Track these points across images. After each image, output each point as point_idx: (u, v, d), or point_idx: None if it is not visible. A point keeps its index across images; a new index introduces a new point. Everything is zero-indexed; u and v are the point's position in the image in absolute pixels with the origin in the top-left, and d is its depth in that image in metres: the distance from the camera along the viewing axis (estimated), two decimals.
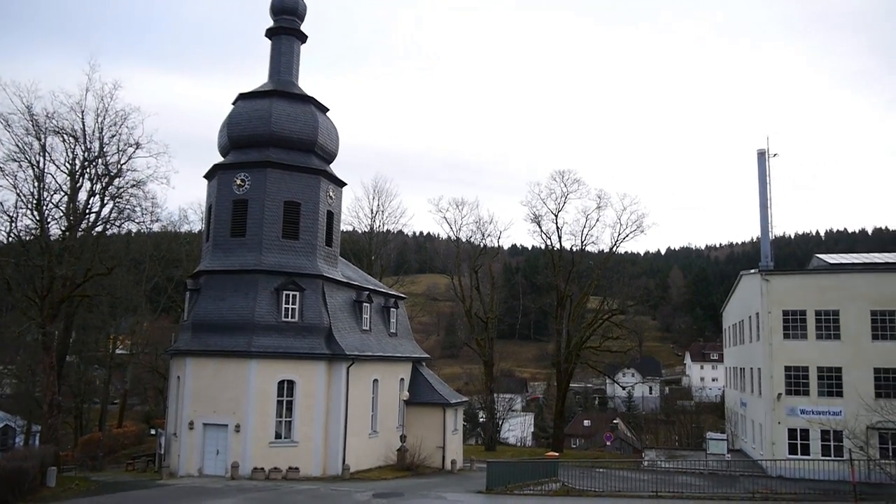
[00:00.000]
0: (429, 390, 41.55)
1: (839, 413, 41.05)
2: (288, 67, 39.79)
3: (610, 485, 31.62)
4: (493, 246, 66.39)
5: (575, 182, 60.66)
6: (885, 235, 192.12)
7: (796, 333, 44.96)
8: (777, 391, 44.44)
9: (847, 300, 44.33)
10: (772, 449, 43.57)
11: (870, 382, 42.12)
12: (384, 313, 42.16)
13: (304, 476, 32.54)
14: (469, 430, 78.12)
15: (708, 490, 31.98)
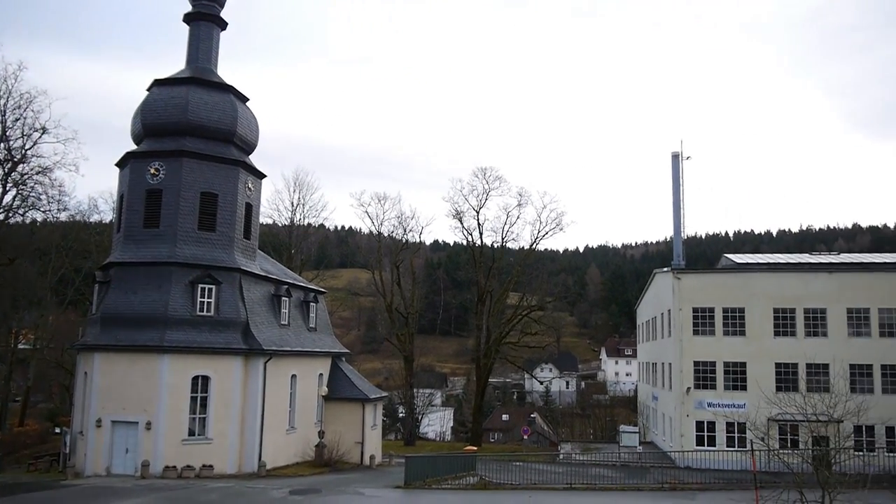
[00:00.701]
0: (348, 385, 41.25)
1: (743, 406, 42.93)
2: (206, 54, 38.66)
3: (526, 478, 32.16)
4: (414, 241, 66.52)
5: (497, 179, 61.44)
6: (788, 237, 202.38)
7: (705, 330, 46.75)
8: (686, 385, 46.11)
9: (752, 298, 46.40)
10: (681, 441, 45.21)
11: (771, 376, 44.25)
12: (303, 308, 41.59)
13: (219, 474, 31.79)
14: (389, 426, 77.99)
15: (620, 481, 32.94)
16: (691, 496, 26.80)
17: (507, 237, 61.82)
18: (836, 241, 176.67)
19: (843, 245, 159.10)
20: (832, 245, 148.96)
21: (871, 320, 45.77)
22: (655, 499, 26.63)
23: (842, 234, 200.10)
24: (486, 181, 60.86)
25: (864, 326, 45.82)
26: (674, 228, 58.53)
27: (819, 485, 14.59)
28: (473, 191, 61.42)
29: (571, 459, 43.86)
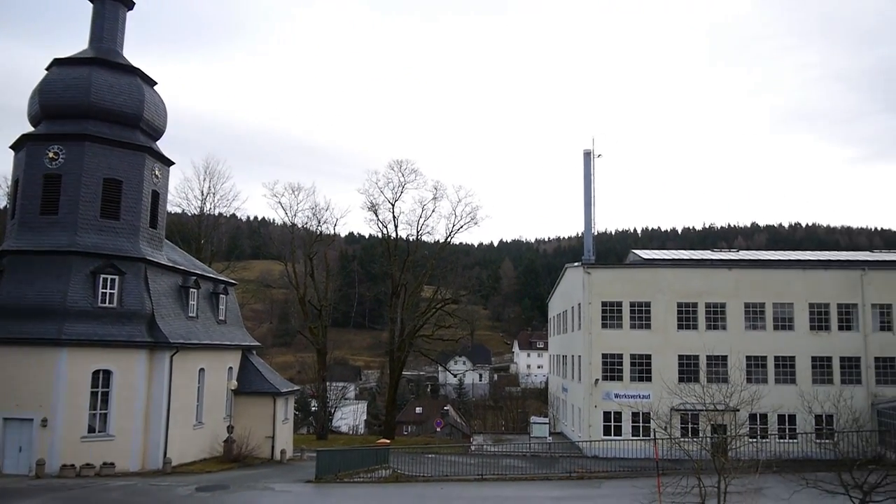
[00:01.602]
0: (259, 379, 40.44)
1: (648, 396, 44.48)
2: (112, 35, 36.97)
3: (439, 469, 32.36)
4: (329, 233, 65.73)
5: (413, 172, 61.33)
6: (692, 234, 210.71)
7: (613, 323, 48.13)
8: (595, 377, 47.38)
9: (657, 293, 48.07)
10: (589, 431, 46.44)
11: (674, 368, 46.00)
12: (213, 300, 40.47)
13: (121, 472, 30.60)
14: (301, 420, 77.03)
15: (530, 471, 33.56)
16: (597, 484, 27.57)
17: (422, 230, 61.92)
18: (736, 238, 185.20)
19: (742, 243, 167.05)
20: (732, 242, 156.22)
21: (766, 314, 48.17)
22: (563, 487, 27.25)
23: (741, 232, 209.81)
24: (402, 174, 60.77)
25: (760, 320, 48.19)
26: (585, 224, 59.99)
27: (716, 471, 15.25)
28: (389, 183, 61.21)
29: (483, 451, 44.40)
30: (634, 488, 18.66)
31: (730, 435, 19.44)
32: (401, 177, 60.65)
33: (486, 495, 25.73)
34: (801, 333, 47.99)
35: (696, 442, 17.08)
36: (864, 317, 48.25)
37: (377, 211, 61.24)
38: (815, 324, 48.27)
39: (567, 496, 24.61)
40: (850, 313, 48.57)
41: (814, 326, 48.21)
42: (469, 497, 25.43)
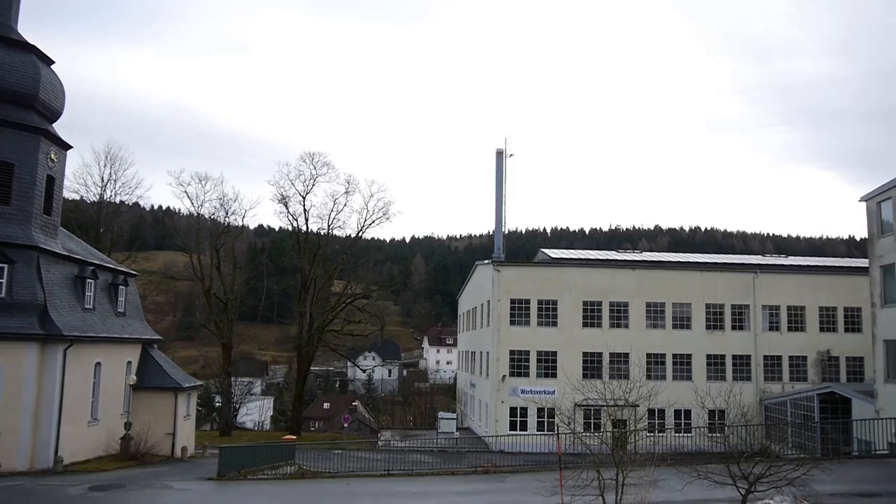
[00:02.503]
0: (159, 374, 39.04)
1: (553, 392, 45.58)
2: (5, 9, 34.82)
3: (346, 465, 32.12)
4: (237, 225, 64.20)
5: (325, 165, 60.52)
6: (599, 235, 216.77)
7: (521, 320, 49.06)
8: (502, 373, 48.17)
9: (564, 291, 49.30)
10: (495, 426, 47.18)
11: (578, 365, 47.31)
12: (111, 291, 38.79)
13: (8, 471, 28.90)
14: (204, 416, 74.96)
15: (436, 466, 33.77)
16: (502, 479, 27.99)
17: (333, 224, 61.25)
18: (640, 240, 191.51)
19: (645, 245, 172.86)
20: (637, 244, 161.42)
21: (666, 314, 50.18)
22: (469, 482, 27.54)
23: (645, 234, 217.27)
24: (314, 167, 59.91)
25: (660, 319, 50.15)
26: (496, 222, 60.86)
27: (614, 464, 15.76)
28: (300, 175, 60.20)
29: (391, 446, 44.40)
30: (537, 482, 19.06)
31: (629, 430, 20.14)
32: (312, 169, 59.82)
33: (393, 490, 25.73)
34: (697, 332, 50.22)
35: (596, 436, 17.62)
36: (755, 317, 50.89)
37: (287, 203, 60.21)
38: (710, 323, 50.60)
39: (472, 490, 24.89)
40: (743, 314, 51.14)
41: (709, 326, 50.53)
42: (375, 492, 25.37)
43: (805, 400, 43.95)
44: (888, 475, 21.91)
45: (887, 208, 34.71)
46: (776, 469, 14.83)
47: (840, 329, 51.55)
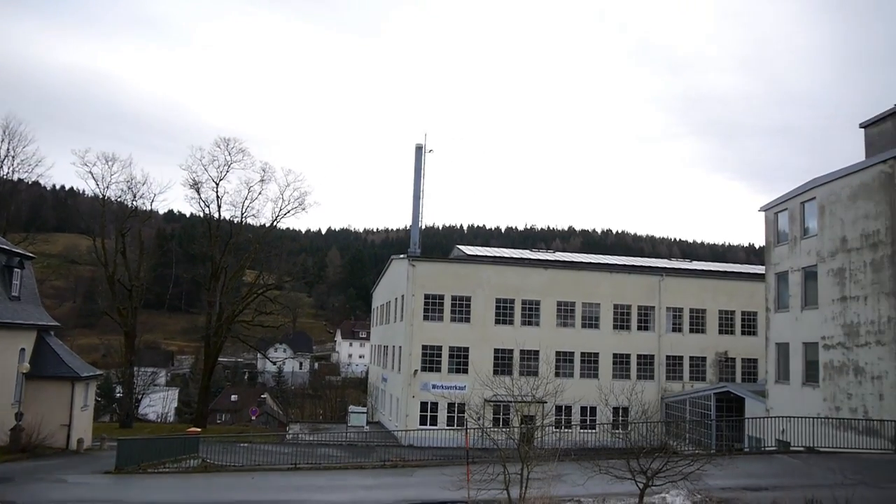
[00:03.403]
0: (55, 362, 37.24)
1: (464, 388, 45.97)
2: None
3: (251, 459, 31.53)
4: (145, 209, 61.90)
5: (240, 152, 59.12)
6: (515, 234, 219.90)
7: (435, 315, 49.28)
8: (414, 368, 48.28)
9: (478, 288, 49.81)
10: (405, 420, 47.27)
11: (490, 361, 47.92)
12: (5, 273, 36.75)
13: None
14: (104, 407, 72.12)
15: (345, 460, 33.56)
16: (410, 473, 28.05)
17: (247, 212, 59.93)
18: (554, 240, 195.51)
19: (559, 245, 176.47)
20: (551, 244, 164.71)
21: (576, 313, 51.40)
22: (377, 476, 27.49)
23: (559, 234, 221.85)
24: (229, 153, 58.44)
25: (570, 318, 51.33)
26: (413, 217, 60.91)
27: (520, 459, 16.05)
28: (214, 161, 58.59)
29: (299, 440, 43.83)
30: (444, 476, 19.19)
31: (536, 425, 20.55)
32: (227, 155, 58.34)
33: (299, 484, 25.42)
34: (605, 332, 51.67)
35: (503, 432, 17.90)
36: (660, 318, 52.77)
37: (200, 189, 58.51)
38: (618, 323, 52.14)
39: (379, 484, 24.86)
40: (648, 315, 52.93)
41: (617, 326, 52.07)
42: (280, 486, 25.01)
43: (703, 399, 45.90)
44: (775, 470, 23.11)
45: (783, 219, 36.59)
46: (673, 464, 15.42)
47: (737, 332, 54.07)
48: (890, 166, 28.38)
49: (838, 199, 31.60)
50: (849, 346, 30.18)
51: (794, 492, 15.97)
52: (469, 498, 18.03)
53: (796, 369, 34.16)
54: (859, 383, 29.39)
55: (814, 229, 33.49)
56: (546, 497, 15.23)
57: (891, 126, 32.07)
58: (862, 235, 29.75)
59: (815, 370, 32.66)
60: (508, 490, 16.12)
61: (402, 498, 20.50)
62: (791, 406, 32.72)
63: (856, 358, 29.68)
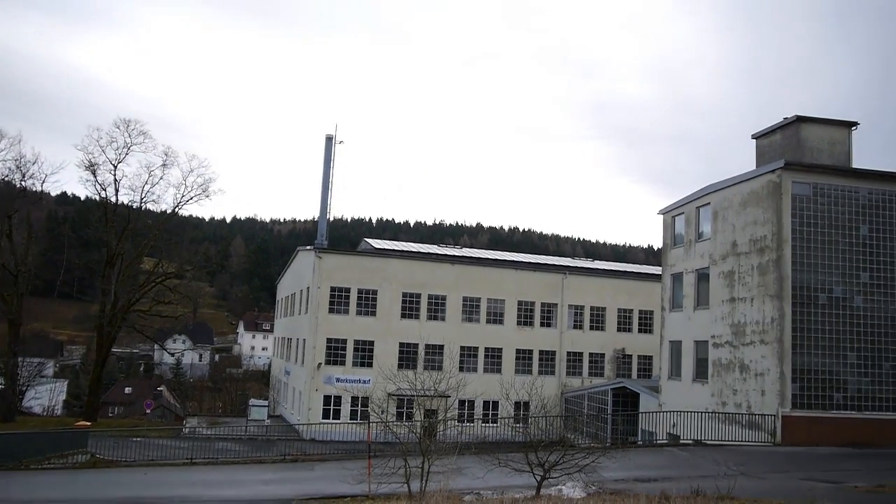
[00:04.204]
0: None
1: (368, 381, 45.87)
2: None
3: (145, 454, 30.47)
4: (35, 190, 58.51)
5: (141, 134, 56.62)
6: (423, 228, 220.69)
7: (340, 308, 48.90)
8: (318, 361, 47.78)
9: (385, 281, 49.74)
10: (308, 414, 46.72)
11: (395, 355, 48.00)
12: None
13: None
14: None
15: (244, 455, 32.88)
16: (310, 467, 27.76)
17: (147, 198, 57.51)
18: (462, 236, 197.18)
19: (467, 241, 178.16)
20: (459, 240, 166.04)
21: (481, 308, 52.10)
22: (276, 471, 27.05)
23: (467, 230, 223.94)
24: (129, 134, 55.86)
25: (475, 313, 51.98)
26: (321, 209, 60.18)
27: (421, 453, 16.16)
28: (113, 143, 55.83)
29: (196, 434, 42.64)
30: (345, 470, 19.13)
31: (438, 419, 20.72)
32: (127, 137, 55.73)
33: (194, 480, 24.70)
34: (509, 327, 52.61)
35: (406, 426, 17.96)
36: (562, 315, 54.14)
37: (96, 171, 55.69)
38: (521, 319, 53.18)
39: (278, 479, 24.46)
40: (551, 312, 54.21)
41: (520, 322, 53.10)
42: (175, 482, 24.22)
43: (600, 394, 47.43)
44: (665, 462, 24.15)
45: (680, 222, 38.23)
46: (569, 457, 15.86)
47: (635, 330, 56.14)
48: (778, 176, 30.07)
49: (730, 206, 33.25)
50: (736, 345, 31.85)
51: (682, 483, 16.72)
52: (370, 492, 18.02)
53: (688, 366, 35.78)
54: (744, 380, 31.06)
55: (707, 233, 35.14)
56: (446, 490, 15.38)
57: (779, 138, 34.01)
58: (751, 240, 31.42)
59: (704, 367, 34.32)
60: (409, 484, 16.20)
61: (301, 493, 20.25)
62: (682, 401, 34.24)
63: (742, 356, 31.35)
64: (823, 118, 33.76)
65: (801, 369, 28.93)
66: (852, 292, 29.73)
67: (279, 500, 19.51)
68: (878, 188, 30.57)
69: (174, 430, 46.43)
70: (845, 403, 29.12)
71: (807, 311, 29.28)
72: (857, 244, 30.04)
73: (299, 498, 19.48)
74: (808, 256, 29.58)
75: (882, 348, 29.57)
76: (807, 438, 27.94)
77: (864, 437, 28.14)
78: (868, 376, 29.40)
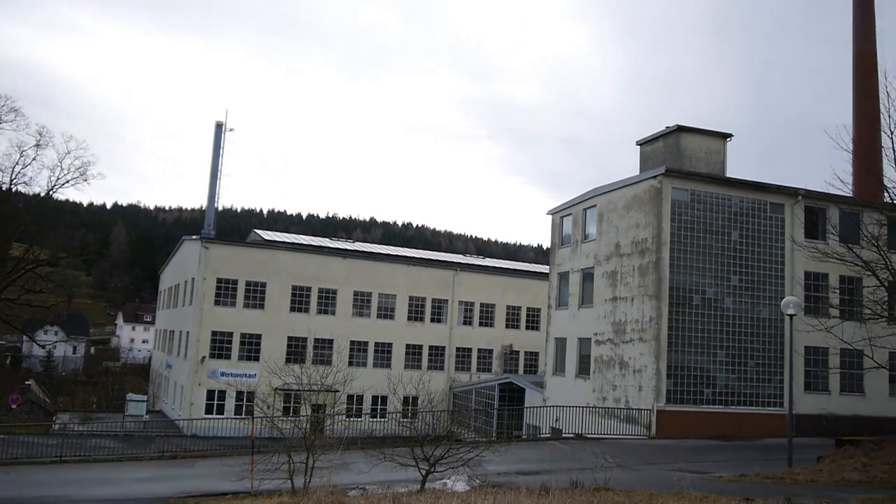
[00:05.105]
0: None
1: (254, 376, 44.85)
2: None
3: (8, 452, 28.61)
4: None
5: (12, 111, 52.85)
6: (316, 221, 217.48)
7: (227, 301, 47.61)
8: (202, 354, 46.34)
9: (274, 274, 48.80)
10: (190, 409, 45.22)
11: (283, 349, 47.19)
12: None
13: None
14: None
15: (119, 452, 31.46)
16: (190, 464, 26.91)
17: (17, 179, 53.88)
18: (355, 230, 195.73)
19: (360, 235, 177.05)
20: (351, 234, 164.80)
21: (372, 303, 52.00)
22: (154, 468, 26.06)
23: (360, 225, 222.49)
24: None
25: (366, 308, 51.83)
26: (208, 197, 58.36)
27: (305, 448, 15.99)
28: None
29: (69, 430, 40.45)
30: (227, 466, 18.66)
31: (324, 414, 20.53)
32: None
33: (64, 479, 23.40)
34: (400, 323, 52.79)
35: (291, 420, 17.71)
36: (452, 312, 54.80)
37: None
38: (412, 315, 53.46)
39: (156, 476, 23.56)
40: (442, 308, 54.78)
41: (411, 317, 53.37)
42: (42, 482, 22.86)
43: (488, 389, 48.30)
44: (547, 455, 24.88)
45: (568, 223, 39.47)
46: (455, 451, 16.08)
47: (522, 326, 57.50)
48: (659, 181, 31.54)
49: (615, 209, 34.62)
50: (616, 343, 33.21)
51: (562, 475, 17.27)
52: (252, 488, 17.65)
53: (571, 362, 37.01)
54: (623, 376, 32.44)
55: (593, 235, 36.44)
56: (330, 485, 15.26)
57: (661, 145, 35.70)
58: (633, 242, 32.82)
59: (587, 363, 35.60)
60: (293, 479, 15.99)
61: (179, 491, 19.58)
62: (565, 396, 35.40)
63: (622, 353, 32.73)
64: (702, 129, 35.70)
65: (676, 366, 30.51)
66: (723, 294, 31.59)
67: (155, 499, 18.80)
68: (748, 197, 32.60)
69: (43, 427, 43.87)
70: (714, 398, 30.94)
71: (682, 311, 30.89)
72: (729, 249, 31.94)
73: (177, 496, 18.83)
74: (684, 259, 31.20)
75: (748, 347, 31.59)
76: (679, 432, 29.50)
77: (731, 429, 30.01)
78: (735, 373, 31.35)
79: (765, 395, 31.54)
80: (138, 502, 19.09)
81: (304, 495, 14.93)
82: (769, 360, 31.74)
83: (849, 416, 31.92)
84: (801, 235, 32.37)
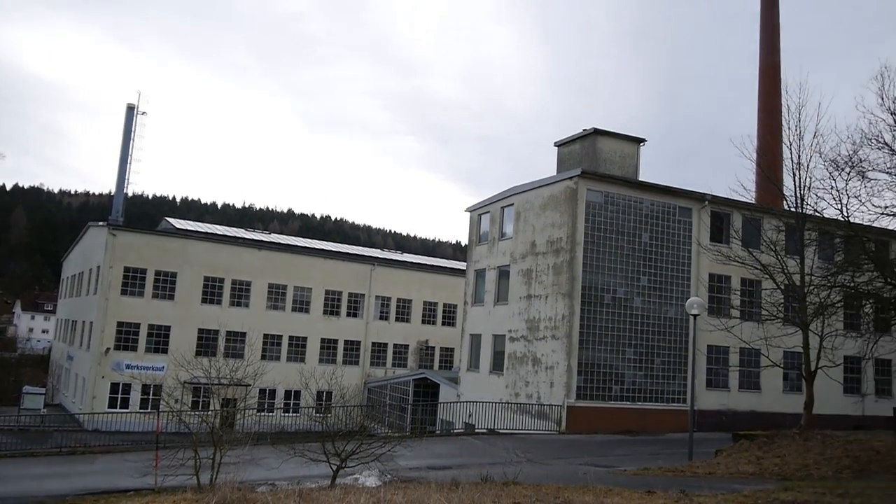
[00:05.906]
0: None
1: (162, 369, 43.44)
2: None
3: None
4: None
5: None
6: (231, 211, 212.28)
7: (134, 290, 45.99)
8: (107, 346, 44.61)
9: (186, 264, 47.41)
10: (92, 403, 43.46)
11: (193, 341, 45.84)
12: None
13: None
14: None
15: (12, 447, 29.98)
16: (91, 460, 25.86)
17: None
18: (272, 222, 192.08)
19: (277, 227, 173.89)
20: (268, 225, 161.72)
21: (287, 296, 51.22)
22: (50, 464, 24.91)
23: (278, 216, 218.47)
24: None
25: (281, 301, 51.01)
26: (117, 182, 56.25)
27: (213, 443, 15.62)
28: None
29: None
30: (130, 462, 17.97)
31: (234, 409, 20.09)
32: None
33: None
34: (315, 316, 52.20)
35: (198, 415, 17.23)
36: (368, 306, 54.56)
37: None
38: (328, 309, 52.94)
39: (52, 473, 22.52)
40: (358, 302, 54.47)
41: (327, 311, 52.84)
42: None
43: (402, 384, 48.33)
44: (459, 450, 25.11)
45: (485, 221, 39.89)
46: (367, 447, 16.01)
47: (439, 322, 57.78)
48: (574, 183, 32.25)
49: (532, 208, 35.19)
50: (530, 339, 33.79)
51: (473, 470, 17.45)
52: (155, 485, 17.10)
53: (486, 358, 37.44)
54: (536, 372, 33.05)
55: (510, 233, 36.94)
56: (237, 481, 14.93)
57: (578, 147, 36.50)
58: (548, 241, 33.45)
59: (501, 360, 36.08)
60: (198, 475, 15.58)
61: (78, 488, 18.78)
62: (479, 392, 35.79)
63: (535, 350, 33.33)
64: (617, 133, 36.70)
65: (586, 363, 31.30)
66: (633, 294, 32.60)
67: (51, 497, 17.96)
68: (658, 200, 33.73)
69: None
70: (622, 395, 31.91)
71: (593, 309, 31.71)
72: (639, 250, 32.97)
73: (75, 494, 18.06)
74: (597, 259, 32.02)
75: (655, 345, 32.72)
76: (588, 427, 30.31)
77: (637, 425, 31.03)
78: (642, 370, 32.41)
79: (669, 392, 32.74)
80: (33, 500, 18.19)
81: (209, 491, 14.55)
82: (674, 358, 32.96)
83: (746, 411, 33.52)
84: (707, 239, 33.72)
